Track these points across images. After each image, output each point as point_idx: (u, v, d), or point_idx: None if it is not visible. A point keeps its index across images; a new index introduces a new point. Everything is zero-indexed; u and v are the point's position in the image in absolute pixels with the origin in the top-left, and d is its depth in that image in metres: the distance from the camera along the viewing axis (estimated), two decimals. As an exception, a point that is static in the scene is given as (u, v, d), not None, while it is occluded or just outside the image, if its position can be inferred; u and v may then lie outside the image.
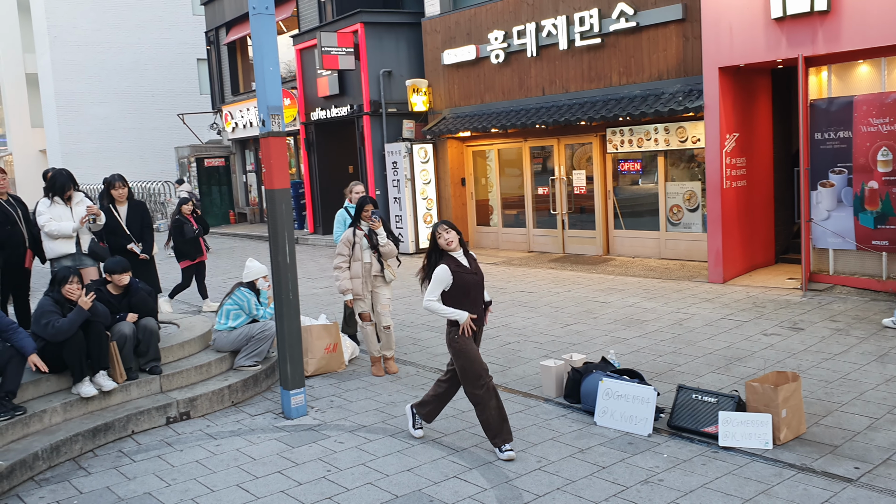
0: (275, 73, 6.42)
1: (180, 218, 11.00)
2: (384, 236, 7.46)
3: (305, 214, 20.80)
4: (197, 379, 7.04)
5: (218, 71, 25.86)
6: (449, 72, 15.96)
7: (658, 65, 12.29)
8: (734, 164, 10.92)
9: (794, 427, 5.38)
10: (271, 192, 6.45)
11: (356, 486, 5.11)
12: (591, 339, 8.41)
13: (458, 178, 16.39)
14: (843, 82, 10.09)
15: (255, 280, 7.52)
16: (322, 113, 18.63)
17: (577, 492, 4.82)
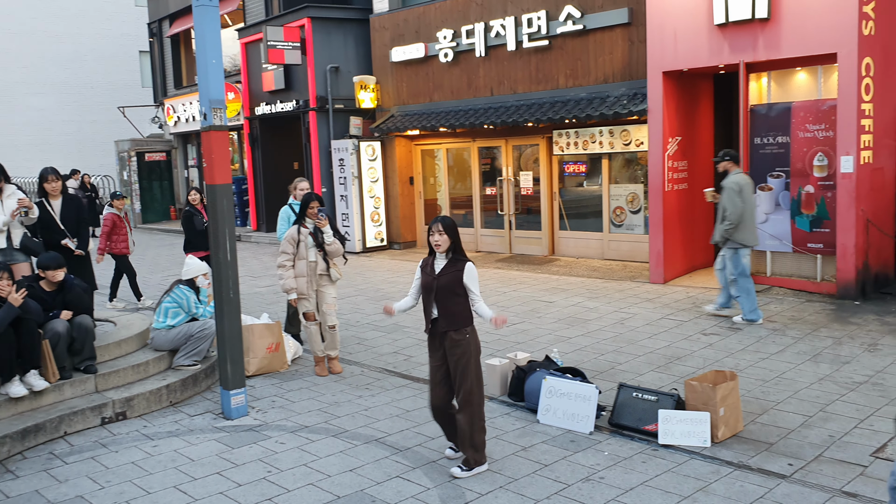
0: (218, 67, 6.29)
1: (190, 209, 10.30)
2: (330, 234, 7.37)
3: (249, 211, 20.48)
4: (134, 378, 6.86)
5: (160, 63, 25.31)
6: (397, 69, 15.90)
7: (604, 68, 12.44)
8: (676, 168, 11.12)
9: (731, 425, 5.49)
10: (212, 188, 6.32)
11: (297, 486, 5.03)
12: (535, 337, 8.47)
13: (407, 176, 16.35)
14: (782, 89, 10.36)
15: (194, 277, 7.36)
16: (267, 108, 18.37)
17: (520, 490, 4.83)
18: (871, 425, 5.57)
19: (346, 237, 15.68)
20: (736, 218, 8.41)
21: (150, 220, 24.90)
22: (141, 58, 32.16)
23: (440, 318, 5.12)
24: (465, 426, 5.09)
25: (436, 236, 5.11)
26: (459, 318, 5.12)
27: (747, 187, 8.55)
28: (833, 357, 7.22)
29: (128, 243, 11.14)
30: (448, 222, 5.15)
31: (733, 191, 8.44)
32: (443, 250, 5.13)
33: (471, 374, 5.09)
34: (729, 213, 8.43)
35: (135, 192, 24.76)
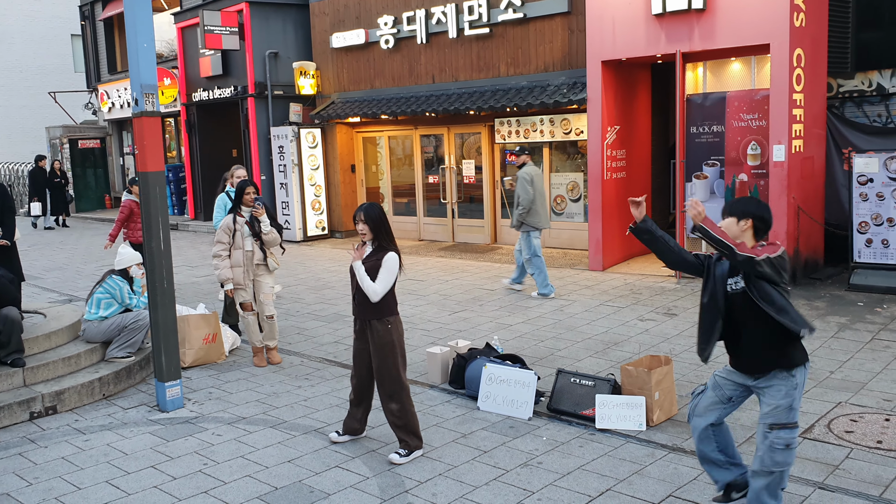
0: (149, 50, 6.12)
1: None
2: (267, 223, 7.26)
3: (186, 199, 20.06)
4: (65, 371, 6.66)
5: (93, 48, 24.52)
6: (338, 55, 15.73)
7: (545, 56, 12.52)
8: (615, 156, 11.28)
9: (666, 409, 5.60)
10: (144, 175, 6.16)
11: (234, 479, 4.96)
12: (477, 325, 8.50)
13: (348, 164, 16.21)
14: (718, 78, 10.57)
15: (128, 267, 7.16)
16: (204, 94, 17.98)
17: (459, 477, 4.85)
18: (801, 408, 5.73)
19: (286, 226, 15.58)
20: (527, 204, 9.47)
21: (84, 209, 24.18)
22: (73, 41, 31.09)
23: (363, 306, 5.14)
24: (397, 413, 5.13)
25: (359, 225, 5.11)
26: (383, 306, 5.10)
27: (538, 178, 9.68)
28: (764, 341, 7.42)
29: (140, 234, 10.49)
30: (370, 212, 5.10)
31: (525, 180, 9.50)
32: (367, 239, 5.14)
33: (393, 363, 5.11)
34: (522, 200, 9.48)
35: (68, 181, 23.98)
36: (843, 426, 5.35)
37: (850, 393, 5.96)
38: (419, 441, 5.19)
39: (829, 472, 4.67)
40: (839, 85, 10.49)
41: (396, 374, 5.14)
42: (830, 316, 8.24)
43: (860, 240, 9.27)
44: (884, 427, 5.31)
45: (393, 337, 5.13)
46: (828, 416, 5.55)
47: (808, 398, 5.90)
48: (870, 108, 10.39)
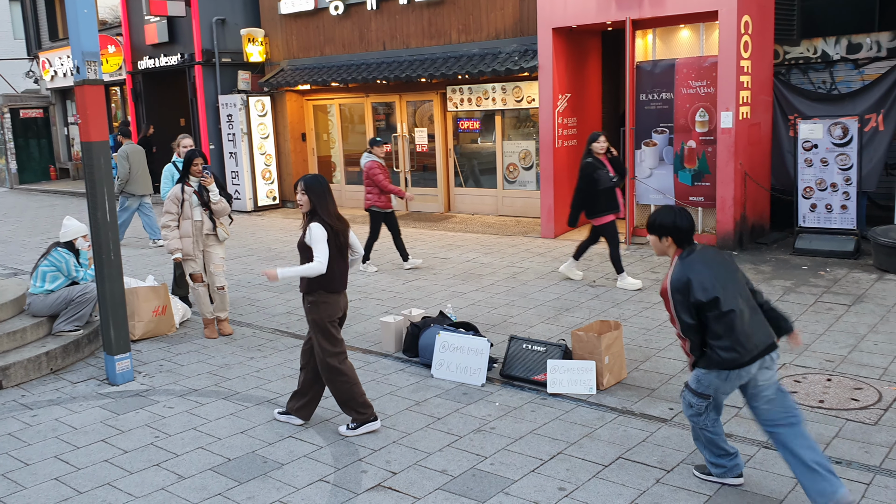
0: (90, 16, 5.93)
1: (593, 161, 8.22)
2: (216, 192, 7.16)
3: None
4: (10, 346, 6.52)
5: (33, 14, 23.63)
6: (287, 22, 15.43)
7: (496, 24, 12.45)
8: (566, 124, 11.33)
9: (616, 372, 5.72)
10: (88, 145, 6.00)
11: (186, 451, 4.93)
12: (430, 294, 8.53)
13: (299, 133, 16.00)
14: (667, 46, 10.65)
15: (73, 240, 7.00)
16: (150, 62, 17.50)
17: (413, 444, 4.90)
18: (743, 367, 5.90)
19: (236, 196, 15.34)
20: (124, 176, 11.87)
21: (27, 181, 23.48)
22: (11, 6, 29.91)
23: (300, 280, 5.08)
24: (333, 392, 5.06)
25: (299, 195, 5.00)
26: (308, 281, 4.99)
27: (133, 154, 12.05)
28: (711, 304, 7.59)
29: (389, 197, 9.90)
30: (310, 182, 4.98)
31: (122, 157, 11.93)
32: (303, 211, 5.02)
33: (319, 341, 5.00)
34: (119, 173, 11.84)
35: (10, 152, 23.25)
36: (787, 387, 5.51)
37: (793, 354, 6.15)
38: (367, 411, 5.08)
39: (771, 430, 4.82)
40: (785, 52, 10.66)
41: (321, 354, 5.02)
42: (776, 280, 8.46)
43: (805, 205, 9.50)
44: (825, 387, 5.50)
45: (318, 313, 4.99)
46: (770, 376, 5.71)
47: (752, 359, 6.06)
48: (815, 74, 10.59)
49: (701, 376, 4.08)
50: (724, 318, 3.90)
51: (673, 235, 4.08)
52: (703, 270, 3.96)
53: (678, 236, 4.07)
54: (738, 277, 4.08)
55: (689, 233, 4.09)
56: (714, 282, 3.93)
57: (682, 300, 3.95)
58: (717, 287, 3.91)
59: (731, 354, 3.91)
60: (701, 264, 3.99)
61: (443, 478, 4.46)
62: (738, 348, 3.91)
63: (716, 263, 4.04)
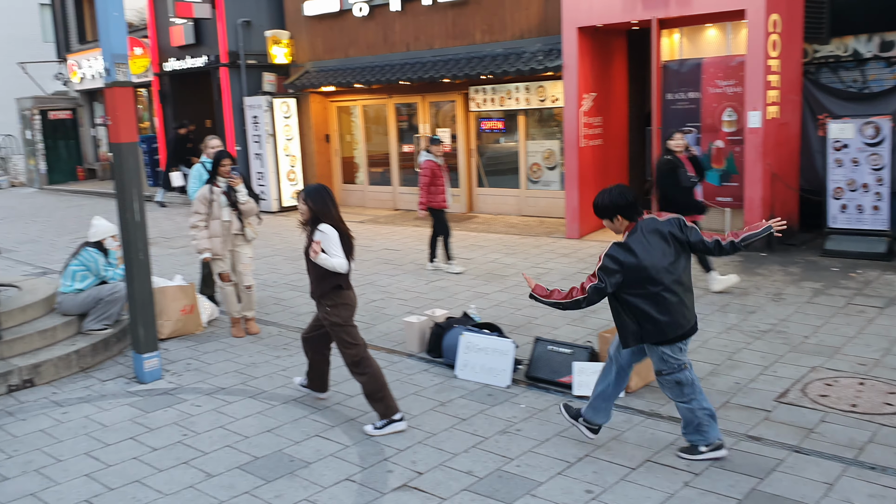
0: (119, 19, 6.01)
1: (671, 159, 7.79)
2: (244, 193, 7.20)
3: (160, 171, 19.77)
4: (41, 344, 6.61)
5: (63, 17, 23.94)
6: (311, 24, 15.50)
7: (520, 23, 12.43)
8: (591, 124, 11.28)
9: (643, 375, 5.67)
10: (117, 146, 6.07)
11: (214, 449, 4.97)
12: (454, 294, 8.52)
13: (323, 134, 16.07)
14: (694, 45, 10.57)
15: (103, 239, 7.08)
16: (177, 63, 17.67)
17: (438, 444, 4.90)
18: (774, 372, 5.84)
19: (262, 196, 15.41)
20: None
21: (56, 181, 23.78)
22: (42, 11, 30.34)
23: (311, 284, 5.22)
24: (365, 389, 5.12)
25: (300, 204, 5.11)
26: (322, 285, 5.11)
27: None
28: (740, 307, 7.52)
29: (445, 196, 9.45)
30: (311, 191, 5.07)
31: None
32: (303, 220, 5.12)
33: (345, 341, 5.12)
34: None
35: (39, 152, 23.58)
36: (818, 390, 5.45)
37: (824, 357, 6.07)
38: (393, 403, 5.13)
39: (805, 436, 4.76)
40: (815, 50, 10.53)
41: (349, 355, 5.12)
42: (805, 281, 8.36)
43: (835, 206, 9.38)
44: (858, 391, 5.42)
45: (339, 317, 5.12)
46: (803, 380, 5.65)
47: (784, 363, 6.01)
48: (846, 73, 10.45)
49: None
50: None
51: (621, 211, 4.32)
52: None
53: (627, 209, 4.32)
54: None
55: (635, 205, 4.33)
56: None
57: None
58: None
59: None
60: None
61: (469, 479, 4.45)
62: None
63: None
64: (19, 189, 23.93)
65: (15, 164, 25.12)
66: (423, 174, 9.39)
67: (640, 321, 4.33)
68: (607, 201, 4.32)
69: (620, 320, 4.40)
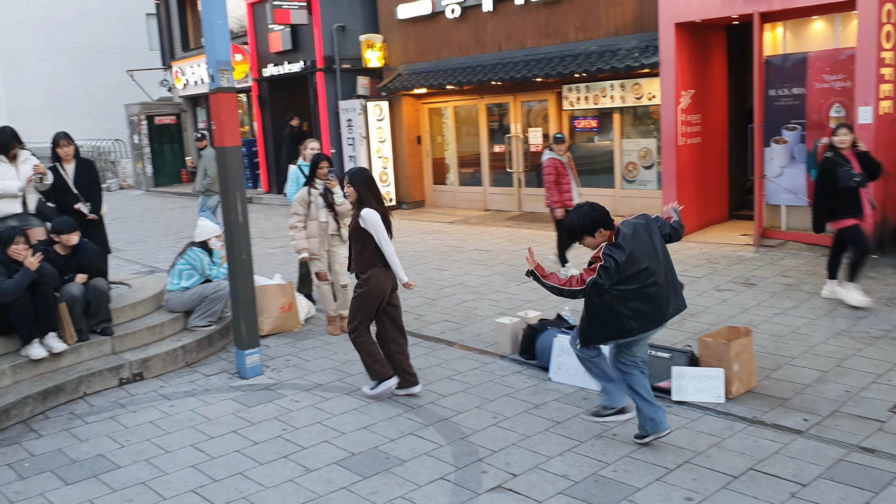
0: (223, 27, 6.22)
1: (833, 157, 7.20)
2: (340, 195, 7.35)
3: (259, 173, 20.43)
4: (150, 339, 6.92)
5: (167, 26, 25.06)
6: (404, 27, 15.69)
7: (615, 20, 12.22)
8: (689, 121, 10.98)
9: (745, 381, 5.49)
10: (222, 150, 6.29)
11: (312, 444, 5.09)
12: (546, 296, 8.43)
13: (414, 136, 16.24)
14: (798, 38, 10.15)
15: (207, 240, 7.37)
16: (275, 69, 18.21)
17: (533, 447, 4.87)
18: (889, 380, 5.55)
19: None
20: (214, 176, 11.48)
21: (161, 184, 24.91)
22: (148, 20, 31.84)
23: (352, 261, 5.74)
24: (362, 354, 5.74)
25: (346, 189, 5.67)
26: (359, 261, 5.63)
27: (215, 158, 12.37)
28: (849, 312, 7.18)
29: (572, 195, 9.08)
30: (354, 174, 5.62)
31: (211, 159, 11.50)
32: (352, 200, 5.67)
33: (359, 312, 5.66)
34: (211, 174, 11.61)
35: (146, 156, 24.75)
36: (934, 399, 5.14)
37: (941, 365, 5.72)
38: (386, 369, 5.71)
39: (919, 447, 4.50)
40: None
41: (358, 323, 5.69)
42: (919, 285, 7.91)
43: (952, 205, 8.82)
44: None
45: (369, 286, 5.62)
46: (917, 388, 5.33)
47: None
48: (964, 65, 9.82)
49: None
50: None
51: (603, 225, 4.48)
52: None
53: (607, 224, 4.49)
54: None
55: (609, 216, 4.53)
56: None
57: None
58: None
59: None
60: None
61: (564, 482, 4.41)
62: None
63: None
64: (127, 191, 25.15)
65: (123, 168, 26.41)
66: (546, 172, 9.10)
67: (631, 314, 4.52)
68: (588, 220, 4.49)
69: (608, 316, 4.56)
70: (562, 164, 9.09)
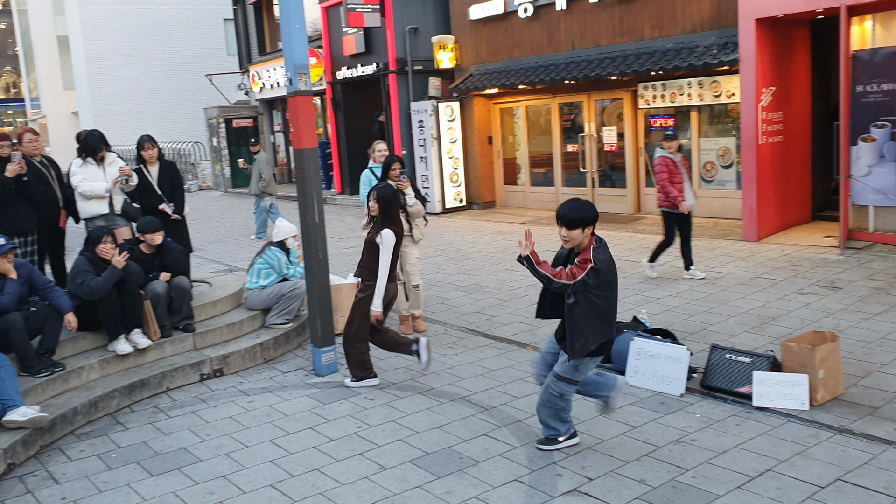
0: (301, 31, 6.34)
1: None
2: (412, 196, 7.39)
3: (333, 175, 20.75)
4: (229, 336, 7.10)
5: (244, 31, 25.69)
6: (476, 27, 15.70)
7: (692, 17, 11.96)
8: (770, 119, 10.66)
9: (831, 388, 5.29)
10: (299, 152, 6.41)
11: (387, 442, 5.13)
12: (621, 298, 8.25)
13: (485, 136, 16.22)
14: (889, 32, 9.73)
15: (285, 239, 7.52)
16: (348, 72, 18.47)
17: (608, 451, 4.79)
18: (984, 388, 5.27)
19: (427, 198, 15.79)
20: (269, 178, 13.81)
21: (239, 185, 25.50)
22: (225, 25, 32.75)
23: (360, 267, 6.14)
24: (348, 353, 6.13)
25: (371, 203, 6.11)
26: (367, 269, 6.04)
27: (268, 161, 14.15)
28: (940, 315, 6.85)
29: (683, 195, 8.75)
30: (382, 192, 6.03)
31: (264, 162, 13.86)
32: (373, 213, 6.10)
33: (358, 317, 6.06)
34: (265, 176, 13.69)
35: (224, 158, 25.42)
36: None
37: None
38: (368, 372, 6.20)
39: None
40: None
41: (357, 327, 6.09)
42: None
43: None
44: None
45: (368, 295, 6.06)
46: None
47: None
48: None
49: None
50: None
51: (592, 223, 4.42)
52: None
53: (594, 222, 4.43)
54: None
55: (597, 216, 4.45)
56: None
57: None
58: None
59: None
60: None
61: (641, 487, 4.33)
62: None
63: None
64: (207, 192, 25.87)
65: (203, 170, 27.19)
66: (658, 171, 8.80)
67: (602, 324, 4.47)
68: (590, 213, 4.41)
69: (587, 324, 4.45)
70: (673, 162, 8.74)
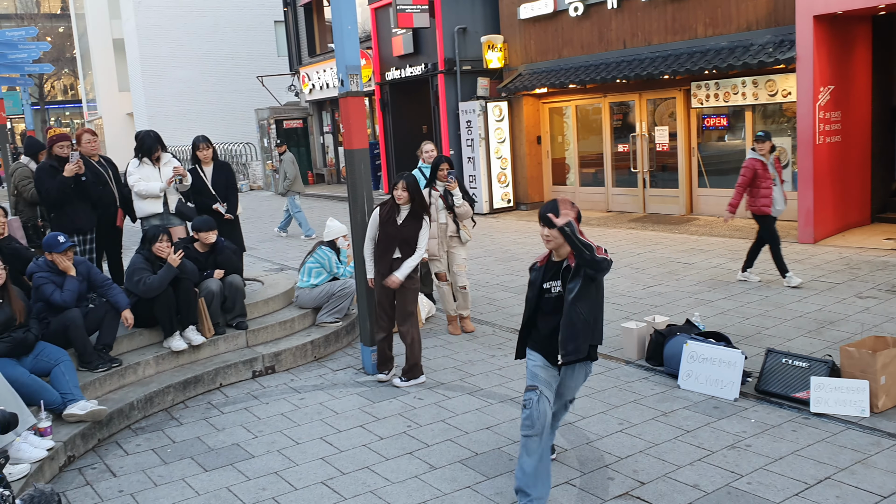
0: (353, 32, 6.38)
1: None
2: (460, 197, 7.39)
3: (381, 175, 20.87)
4: (281, 334, 7.19)
5: (295, 33, 26.00)
6: (525, 27, 15.63)
7: (747, 14, 11.73)
8: (828, 119, 10.40)
9: (893, 394, 5.14)
10: (350, 152, 6.45)
11: (436, 442, 5.14)
12: (673, 300, 8.21)
13: (534, 136, 16.14)
14: (952, 29, 9.43)
15: (335, 239, 7.59)
16: (397, 73, 18.56)
17: (661, 455, 4.73)
18: None
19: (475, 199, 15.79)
20: (294, 177, 14.56)
21: (288, 185, 25.84)
22: (276, 28, 33.22)
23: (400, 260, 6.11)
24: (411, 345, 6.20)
25: (399, 191, 6.04)
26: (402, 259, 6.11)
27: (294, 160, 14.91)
28: None
29: (769, 200, 8.27)
30: (409, 179, 6.06)
31: (290, 162, 14.66)
32: (404, 202, 6.07)
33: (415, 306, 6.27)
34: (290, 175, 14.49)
35: (275, 159, 25.75)
36: None
37: None
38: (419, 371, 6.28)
39: None
40: None
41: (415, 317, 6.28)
42: None
43: None
44: None
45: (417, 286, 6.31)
46: None
47: None
48: None
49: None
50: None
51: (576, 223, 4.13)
52: None
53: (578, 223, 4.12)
54: None
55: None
56: None
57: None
58: None
59: None
60: None
61: (695, 493, 4.26)
62: None
63: None
64: (257, 192, 26.23)
65: (253, 170, 27.60)
66: (741, 174, 8.35)
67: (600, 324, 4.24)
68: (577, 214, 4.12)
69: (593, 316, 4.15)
70: (763, 165, 8.24)
